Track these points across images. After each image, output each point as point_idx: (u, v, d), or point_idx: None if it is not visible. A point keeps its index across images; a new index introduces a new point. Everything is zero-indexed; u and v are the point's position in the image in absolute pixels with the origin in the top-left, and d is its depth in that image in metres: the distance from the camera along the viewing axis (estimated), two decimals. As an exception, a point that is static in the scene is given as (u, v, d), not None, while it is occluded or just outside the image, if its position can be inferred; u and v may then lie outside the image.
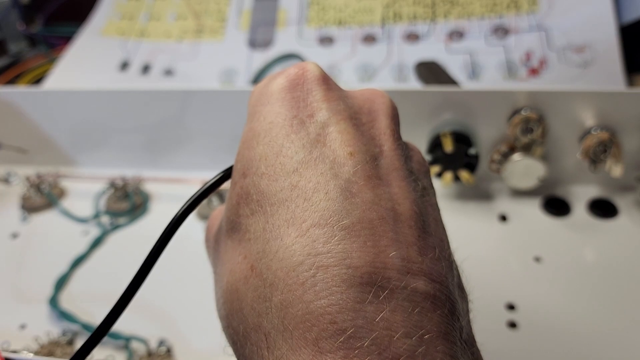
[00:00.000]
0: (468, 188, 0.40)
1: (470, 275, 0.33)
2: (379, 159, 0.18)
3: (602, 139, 0.35)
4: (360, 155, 0.18)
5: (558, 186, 0.39)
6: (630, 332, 0.30)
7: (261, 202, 0.17)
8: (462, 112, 0.37)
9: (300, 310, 0.15)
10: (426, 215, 0.18)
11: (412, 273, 0.16)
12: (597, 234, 0.36)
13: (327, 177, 0.17)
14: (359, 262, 0.15)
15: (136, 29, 0.57)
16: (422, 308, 0.15)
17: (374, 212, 0.16)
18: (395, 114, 0.20)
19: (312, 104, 0.19)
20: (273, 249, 0.16)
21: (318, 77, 0.20)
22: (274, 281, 0.16)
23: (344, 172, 0.17)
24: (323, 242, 0.16)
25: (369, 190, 0.17)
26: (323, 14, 0.54)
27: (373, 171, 0.17)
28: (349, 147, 0.18)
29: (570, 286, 0.32)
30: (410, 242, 0.16)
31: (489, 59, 0.47)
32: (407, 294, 0.15)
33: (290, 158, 0.18)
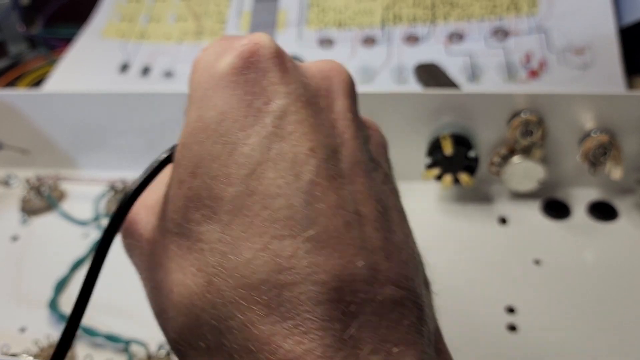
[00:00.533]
0: (467, 191, 0.40)
1: (469, 278, 0.33)
2: (340, 151, 0.17)
3: (602, 141, 0.35)
4: (321, 150, 0.16)
5: (558, 189, 0.39)
6: (631, 334, 0.30)
7: (215, 208, 0.16)
8: (462, 114, 0.37)
9: (266, 332, 0.14)
10: (390, 209, 0.17)
11: (380, 282, 0.15)
12: (597, 236, 0.36)
13: (287, 180, 0.15)
14: (326, 277, 0.14)
15: (136, 30, 0.57)
16: (389, 321, 0.15)
17: (339, 218, 0.15)
18: (353, 90, 0.19)
19: (268, 88, 0.17)
20: (232, 264, 0.15)
21: (273, 54, 0.17)
22: (235, 300, 0.15)
23: (306, 173, 0.16)
24: (287, 256, 0.15)
25: (333, 193, 0.16)
26: (323, 16, 0.54)
27: (335, 169, 0.16)
28: (309, 141, 0.16)
29: (570, 289, 0.32)
30: (377, 247, 0.16)
31: (489, 61, 0.47)
32: (375, 307, 0.15)
33: (247, 157, 0.16)
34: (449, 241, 0.36)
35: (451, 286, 0.33)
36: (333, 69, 0.19)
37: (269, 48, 0.17)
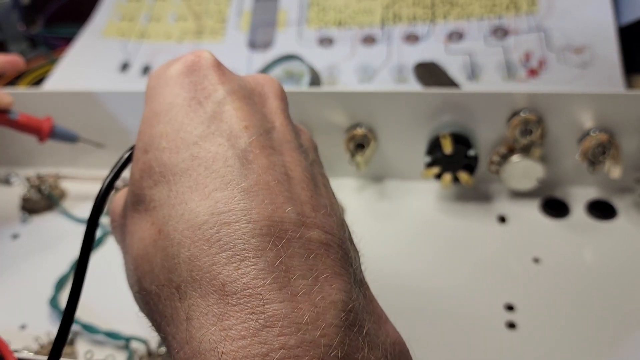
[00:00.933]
0: (467, 189, 0.40)
1: (469, 277, 0.34)
2: (272, 133, 0.20)
3: (601, 140, 0.35)
4: (254, 129, 0.19)
5: (557, 187, 0.39)
6: (629, 332, 0.30)
7: (164, 173, 0.19)
8: (462, 113, 0.37)
9: (207, 262, 0.16)
10: (317, 180, 0.20)
11: (307, 225, 0.17)
12: (596, 235, 0.36)
13: (225, 147, 0.18)
14: (258, 217, 0.17)
15: (136, 30, 0.57)
16: (316, 254, 0.17)
17: (269, 176, 0.18)
18: (284, 95, 0.22)
19: (208, 86, 0.20)
20: (179, 212, 0.18)
21: (212, 64, 0.21)
22: (181, 240, 0.17)
23: (241, 143, 0.19)
24: (224, 202, 0.17)
25: (264, 158, 0.18)
26: (323, 15, 0.54)
27: (267, 142, 0.19)
28: (243, 121, 0.19)
29: (569, 287, 0.33)
30: (304, 200, 0.18)
31: (488, 60, 0.47)
32: (303, 243, 0.17)
33: (190, 133, 0.19)
34: (449, 239, 0.37)
35: (450, 284, 0.33)
36: (265, 78, 0.23)
37: (209, 59, 0.21)
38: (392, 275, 0.34)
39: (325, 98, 0.39)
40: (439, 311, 0.32)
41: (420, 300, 0.33)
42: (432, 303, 0.32)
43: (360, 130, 0.39)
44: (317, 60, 0.50)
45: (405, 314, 0.32)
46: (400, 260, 0.35)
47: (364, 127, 0.39)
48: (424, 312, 0.32)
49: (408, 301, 0.33)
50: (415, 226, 0.38)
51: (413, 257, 0.36)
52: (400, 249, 0.36)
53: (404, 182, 0.41)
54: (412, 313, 0.32)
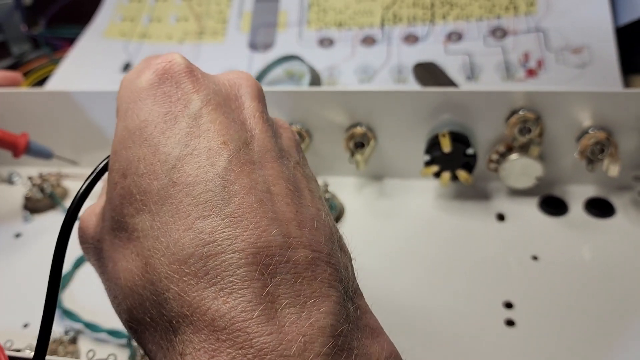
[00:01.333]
0: (466, 188, 0.40)
1: (468, 274, 0.34)
2: (251, 143, 0.19)
3: (600, 138, 0.36)
4: (233, 143, 0.19)
5: (555, 186, 0.39)
6: (627, 330, 0.30)
7: (145, 201, 0.18)
8: (460, 112, 0.38)
9: (196, 297, 0.16)
10: (301, 189, 0.20)
11: (293, 247, 0.17)
12: (594, 233, 0.36)
13: (204, 169, 0.18)
14: (243, 245, 0.17)
15: (138, 30, 0.57)
16: (304, 277, 0.17)
17: (252, 197, 0.18)
18: (261, 95, 0.22)
19: (182, 97, 0.20)
20: (163, 244, 0.17)
21: (185, 69, 0.20)
22: (168, 275, 0.17)
23: (220, 162, 0.18)
24: (209, 232, 0.17)
25: (245, 177, 0.18)
26: (323, 16, 0.54)
27: (247, 157, 0.19)
28: (221, 136, 0.19)
29: (567, 284, 0.33)
30: (289, 218, 0.18)
31: (487, 60, 0.47)
32: (290, 267, 0.17)
33: (168, 155, 0.19)
34: (448, 237, 0.37)
35: (449, 282, 0.34)
36: (240, 76, 0.22)
37: (180, 64, 0.21)
38: (391, 273, 0.35)
39: (325, 97, 0.39)
40: (438, 309, 0.32)
41: (419, 297, 0.33)
42: (431, 300, 0.33)
43: (360, 129, 0.39)
44: (317, 61, 0.50)
45: (404, 311, 0.32)
46: (400, 258, 0.36)
47: (363, 126, 0.39)
48: (423, 310, 0.32)
49: (407, 299, 0.33)
50: (415, 224, 0.38)
51: (412, 254, 0.36)
52: (400, 247, 0.36)
53: (403, 180, 0.42)
54: (411, 310, 0.32)
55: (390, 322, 0.31)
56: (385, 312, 0.32)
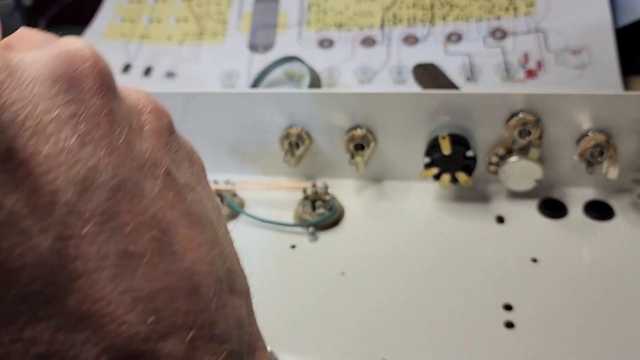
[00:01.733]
0: (466, 190, 0.40)
1: (467, 277, 0.34)
2: (95, 180, 0.13)
3: (599, 141, 0.36)
4: (67, 195, 0.12)
5: (555, 188, 0.39)
6: (626, 331, 0.30)
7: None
8: (460, 114, 0.38)
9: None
10: (171, 227, 0.14)
11: (165, 335, 0.13)
12: (594, 235, 0.36)
13: (26, 246, 0.12)
14: (97, 352, 0.12)
15: (138, 31, 0.57)
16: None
17: (102, 273, 0.12)
18: (105, 79, 0.14)
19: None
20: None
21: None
22: None
23: (49, 232, 0.12)
24: (45, 342, 0.12)
25: (88, 245, 0.13)
26: (323, 17, 0.54)
27: (88, 207, 0.13)
28: (47, 185, 0.12)
29: (566, 287, 0.33)
30: (158, 289, 0.13)
31: (487, 61, 0.48)
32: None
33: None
34: (447, 240, 0.37)
35: (449, 284, 0.34)
36: (72, 60, 0.14)
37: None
38: (390, 275, 0.35)
39: (325, 99, 0.39)
40: (438, 311, 0.32)
41: (419, 299, 0.33)
42: (431, 303, 0.33)
43: (360, 132, 0.39)
44: (317, 62, 0.50)
45: (404, 313, 0.32)
46: (399, 260, 0.36)
47: (363, 128, 0.39)
48: (423, 312, 0.32)
49: (407, 300, 0.33)
50: (414, 226, 0.38)
51: (412, 257, 0.36)
52: (399, 249, 0.36)
53: (403, 182, 0.42)
54: (410, 312, 0.32)
55: (389, 324, 0.32)
56: (385, 314, 0.32)
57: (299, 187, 0.40)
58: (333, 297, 0.34)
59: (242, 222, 0.39)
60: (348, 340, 0.31)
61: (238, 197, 0.41)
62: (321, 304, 0.33)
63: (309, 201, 0.39)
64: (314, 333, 0.32)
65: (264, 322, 0.31)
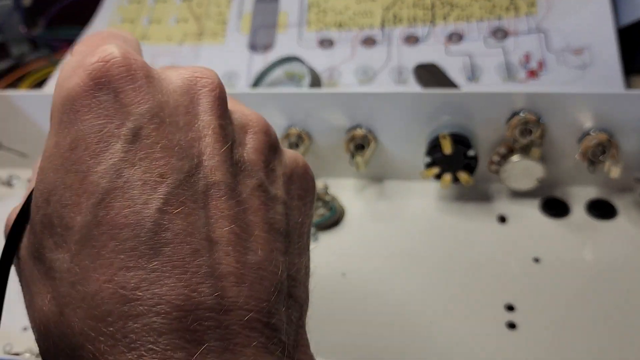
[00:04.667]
0: (467, 189, 0.40)
1: (469, 277, 0.34)
2: (196, 174, 0.16)
3: (601, 140, 0.36)
4: (173, 176, 0.16)
5: (557, 187, 0.39)
6: (629, 332, 0.30)
7: (65, 237, 0.16)
8: (461, 114, 0.38)
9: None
10: (251, 228, 0.17)
11: (226, 309, 0.15)
12: (596, 234, 0.36)
13: (135, 209, 0.15)
14: (169, 307, 0.15)
15: (137, 32, 0.57)
16: (235, 345, 0.15)
17: (185, 246, 0.15)
18: (220, 102, 0.18)
19: (120, 109, 0.16)
20: (80, 295, 0.15)
21: (125, 71, 0.17)
22: (84, 331, 0.15)
23: (154, 201, 0.16)
24: (132, 288, 0.15)
25: (181, 220, 0.16)
26: (323, 17, 0.54)
27: (187, 193, 0.16)
28: (159, 167, 0.16)
29: (569, 287, 0.33)
30: (227, 272, 0.16)
31: (488, 61, 0.47)
32: (221, 334, 0.15)
33: (96, 185, 0.16)
34: (449, 239, 0.37)
35: (450, 284, 0.34)
36: (199, 79, 0.18)
37: (119, 66, 0.17)
38: (391, 275, 0.35)
39: (326, 99, 0.39)
40: (439, 311, 0.32)
41: (420, 299, 0.33)
42: (432, 303, 0.32)
43: (360, 131, 0.39)
44: (317, 62, 0.50)
45: (405, 313, 0.32)
46: (400, 260, 0.35)
47: (364, 128, 0.39)
48: (424, 312, 0.32)
49: (407, 301, 0.33)
50: (415, 226, 0.38)
51: (413, 256, 0.36)
52: (400, 249, 0.36)
53: (404, 182, 0.41)
54: (412, 312, 0.32)
55: (391, 324, 0.31)
56: (386, 314, 0.32)
57: (300, 187, 0.40)
58: (334, 298, 0.33)
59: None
60: (348, 341, 0.31)
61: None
62: (321, 304, 0.33)
63: (310, 201, 0.39)
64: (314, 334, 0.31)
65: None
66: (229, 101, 0.19)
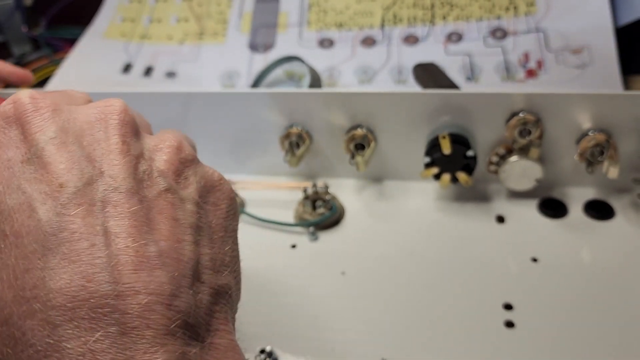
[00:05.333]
0: (466, 189, 0.40)
1: (467, 276, 0.34)
2: (97, 182, 0.18)
3: (599, 141, 0.36)
4: (72, 184, 0.18)
5: (555, 188, 0.40)
6: (627, 331, 0.30)
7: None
8: (460, 114, 0.38)
9: (11, 348, 0.16)
10: (155, 222, 0.18)
11: (123, 295, 0.16)
12: (594, 235, 0.36)
13: (35, 216, 0.17)
14: (62, 299, 0.16)
15: (138, 31, 0.57)
16: (133, 328, 0.16)
17: (83, 242, 0.17)
18: (123, 124, 0.20)
19: (25, 139, 0.19)
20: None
21: (30, 108, 0.19)
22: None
23: (53, 207, 0.17)
24: (30, 288, 0.16)
25: (79, 220, 0.17)
26: (323, 17, 0.54)
27: (86, 197, 0.18)
28: (58, 178, 0.18)
29: (566, 286, 0.33)
30: (125, 261, 0.17)
31: (487, 61, 0.48)
32: (116, 319, 0.16)
33: (4, 204, 0.18)
34: (447, 239, 0.37)
35: (449, 283, 0.34)
36: (104, 110, 0.20)
37: (24, 104, 0.19)
38: (390, 274, 0.35)
39: (326, 99, 0.39)
40: (438, 310, 0.32)
41: (419, 299, 0.33)
42: (431, 302, 0.33)
43: (360, 131, 0.39)
44: (317, 62, 0.50)
45: (404, 312, 0.32)
46: (399, 259, 0.36)
47: (364, 128, 0.39)
48: (423, 311, 0.32)
49: (407, 300, 0.33)
50: (414, 226, 0.38)
51: (412, 256, 0.36)
52: (399, 248, 0.36)
53: (404, 182, 0.42)
54: (411, 312, 0.32)
55: (389, 324, 0.32)
56: (384, 314, 0.32)
57: (300, 186, 0.40)
58: (333, 297, 0.34)
59: (243, 222, 0.39)
60: (348, 340, 0.31)
61: (239, 197, 0.41)
62: (321, 303, 0.33)
63: (310, 201, 0.39)
64: (314, 333, 0.32)
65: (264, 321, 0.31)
66: (159, 132, 0.22)
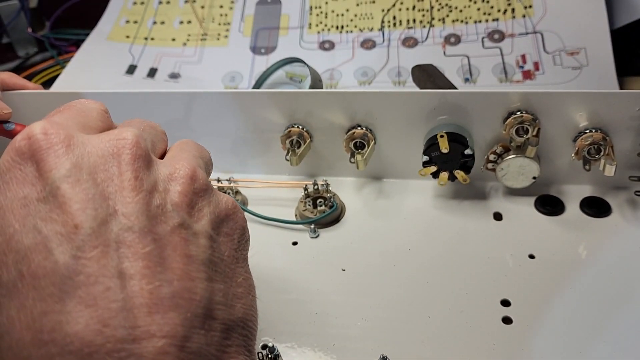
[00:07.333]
0: (464, 187, 0.40)
1: (465, 273, 0.34)
2: (111, 221, 0.18)
3: (596, 139, 0.36)
4: (87, 225, 0.18)
5: (552, 185, 0.40)
6: (623, 327, 0.30)
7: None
8: (458, 113, 0.38)
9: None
10: (167, 262, 0.18)
11: (138, 338, 0.17)
12: (590, 232, 0.36)
13: (52, 258, 0.17)
14: (80, 344, 0.16)
15: (142, 33, 0.58)
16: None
17: (99, 286, 0.17)
18: (136, 158, 0.20)
19: (40, 177, 0.19)
20: (7, 344, 0.17)
21: (45, 144, 0.19)
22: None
23: (69, 249, 0.17)
24: (48, 331, 0.16)
25: (94, 263, 0.17)
26: (324, 19, 0.55)
27: (101, 238, 0.18)
28: (74, 219, 0.18)
29: (563, 283, 0.33)
30: (140, 304, 0.17)
31: (485, 62, 0.48)
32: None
33: (20, 244, 0.18)
34: (445, 237, 0.37)
35: (447, 280, 0.34)
36: (116, 144, 0.20)
37: (38, 140, 0.19)
38: (389, 271, 0.35)
39: (326, 99, 0.40)
40: (436, 306, 0.33)
41: (418, 295, 0.33)
42: (429, 298, 0.33)
43: (360, 130, 0.40)
44: (318, 64, 0.51)
45: (403, 309, 0.33)
46: (398, 257, 0.36)
47: (363, 127, 0.40)
48: (422, 308, 0.33)
49: (406, 297, 0.33)
50: (413, 223, 0.39)
51: (411, 253, 0.36)
52: (398, 245, 0.37)
53: (402, 180, 0.42)
54: (409, 308, 0.33)
55: (389, 320, 0.32)
56: (384, 310, 0.33)
57: (301, 185, 0.41)
58: (334, 293, 0.34)
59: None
60: (348, 336, 0.31)
61: (241, 195, 0.41)
62: (322, 299, 0.34)
63: (311, 199, 0.40)
64: (315, 328, 0.32)
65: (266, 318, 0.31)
66: (174, 149, 0.23)
